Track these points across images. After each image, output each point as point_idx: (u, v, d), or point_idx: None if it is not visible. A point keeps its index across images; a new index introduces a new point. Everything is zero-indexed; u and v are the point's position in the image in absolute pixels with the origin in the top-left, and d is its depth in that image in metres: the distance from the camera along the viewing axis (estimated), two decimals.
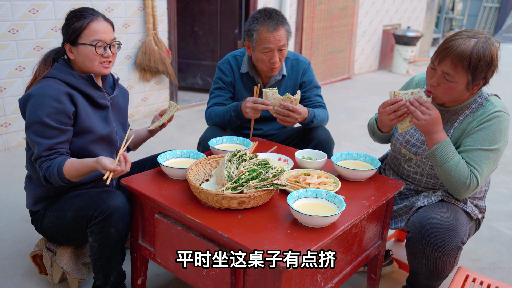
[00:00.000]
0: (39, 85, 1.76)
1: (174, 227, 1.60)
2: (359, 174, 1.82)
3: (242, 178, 1.57)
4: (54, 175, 1.70)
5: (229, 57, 2.49)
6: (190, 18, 5.74)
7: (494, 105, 1.77)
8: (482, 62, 1.65)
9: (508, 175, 3.64)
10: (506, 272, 2.33)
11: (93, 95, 1.85)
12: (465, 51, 1.64)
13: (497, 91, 2.06)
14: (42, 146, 1.70)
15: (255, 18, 2.28)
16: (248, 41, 2.34)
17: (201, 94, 5.81)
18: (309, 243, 1.37)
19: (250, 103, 2.20)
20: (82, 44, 1.79)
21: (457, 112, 1.83)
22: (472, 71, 1.66)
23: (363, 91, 6.48)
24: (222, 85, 2.48)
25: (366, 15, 7.30)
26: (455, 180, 1.73)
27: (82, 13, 1.80)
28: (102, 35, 1.81)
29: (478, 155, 1.73)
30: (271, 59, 2.28)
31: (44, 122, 1.70)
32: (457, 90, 1.72)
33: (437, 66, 1.71)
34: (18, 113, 3.74)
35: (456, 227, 1.67)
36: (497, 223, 2.84)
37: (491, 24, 13.27)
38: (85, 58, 1.81)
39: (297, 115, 2.17)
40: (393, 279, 2.24)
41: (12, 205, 2.83)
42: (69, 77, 1.81)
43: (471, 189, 1.74)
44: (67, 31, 1.80)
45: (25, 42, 3.64)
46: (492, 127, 1.73)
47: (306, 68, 2.50)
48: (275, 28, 2.22)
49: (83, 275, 1.99)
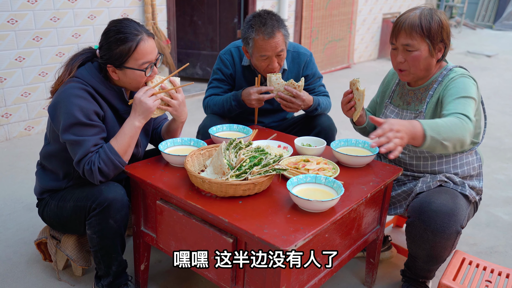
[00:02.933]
0: (67, 86, 1.71)
1: (176, 213, 1.63)
2: (357, 160, 1.85)
3: (244, 165, 1.59)
4: (109, 157, 1.69)
5: (232, 47, 2.44)
6: (189, 8, 5.72)
7: (457, 72, 1.85)
8: (432, 23, 1.78)
9: (506, 162, 3.67)
10: (502, 256, 2.37)
11: (120, 109, 1.84)
12: (414, 19, 1.79)
13: (497, 79, 2.09)
14: (89, 143, 1.68)
15: (250, 26, 2.19)
16: (245, 47, 2.28)
17: (200, 84, 5.81)
18: (308, 228, 1.40)
19: (255, 95, 2.19)
20: (130, 69, 1.74)
21: (427, 88, 1.92)
22: (427, 34, 1.78)
23: (363, 80, 6.44)
24: (222, 77, 2.44)
25: (366, 4, 7.27)
26: (459, 134, 1.60)
27: (126, 34, 1.70)
28: (149, 56, 1.75)
29: (456, 103, 1.70)
30: (270, 65, 2.24)
31: (84, 122, 1.68)
32: (422, 58, 1.82)
33: (396, 43, 1.85)
34: (18, 104, 3.76)
35: (455, 212, 1.70)
36: (495, 208, 2.87)
37: (492, 11, 13.20)
38: (132, 81, 1.77)
39: (300, 102, 2.18)
40: (391, 263, 2.27)
41: (15, 194, 2.86)
42: (100, 85, 1.77)
43: (471, 128, 1.63)
44: (110, 54, 1.72)
45: (24, 33, 3.64)
46: (459, 83, 1.79)
47: (308, 60, 2.45)
48: (271, 36, 2.14)
49: (88, 262, 2.02)
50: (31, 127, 3.91)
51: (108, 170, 1.71)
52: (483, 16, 13.34)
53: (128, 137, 1.75)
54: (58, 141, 1.80)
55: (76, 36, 3.95)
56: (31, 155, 3.46)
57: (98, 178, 1.70)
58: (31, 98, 3.84)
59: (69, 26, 3.89)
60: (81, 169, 1.70)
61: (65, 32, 3.88)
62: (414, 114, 1.93)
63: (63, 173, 1.86)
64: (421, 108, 1.90)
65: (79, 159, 1.69)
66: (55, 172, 1.88)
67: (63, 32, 3.87)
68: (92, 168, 1.68)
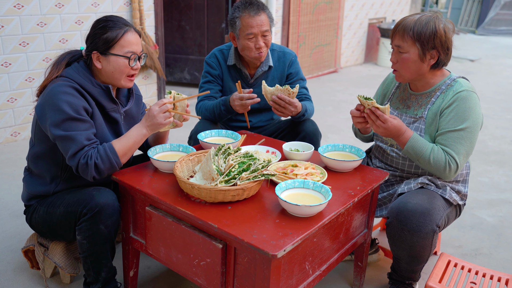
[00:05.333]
0: (54, 84, 1.71)
1: (165, 219, 1.63)
2: (345, 164, 1.88)
3: (233, 171, 1.61)
4: (108, 155, 1.68)
5: (216, 51, 2.53)
6: (177, 13, 5.73)
7: (461, 85, 1.89)
8: (425, 29, 1.81)
9: (489, 164, 3.74)
10: (487, 258, 2.42)
11: (107, 106, 1.85)
12: (410, 22, 1.84)
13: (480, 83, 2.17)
14: (81, 136, 1.67)
15: (236, 7, 2.35)
16: (232, 32, 2.39)
17: (189, 89, 5.81)
18: (297, 232, 1.42)
19: (238, 101, 2.24)
20: (115, 55, 1.77)
21: (429, 94, 1.95)
22: (417, 38, 1.82)
23: (350, 84, 6.55)
24: (211, 78, 2.51)
25: (352, 9, 7.36)
26: (435, 167, 1.84)
27: (115, 23, 1.78)
28: (135, 46, 1.81)
29: (450, 137, 1.84)
30: (256, 44, 2.33)
31: (74, 117, 1.67)
32: (411, 62, 1.86)
33: (392, 43, 1.91)
34: (4, 109, 3.72)
35: (431, 212, 1.75)
36: (479, 211, 2.93)
37: (474, 17, 13.45)
38: (115, 69, 1.79)
39: (293, 108, 2.21)
40: (379, 266, 2.30)
41: (1, 201, 2.83)
42: (87, 82, 1.78)
43: (453, 171, 1.84)
44: (97, 40, 1.77)
45: (10, 38, 3.61)
46: (460, 107, 1.84)
47: (292, 60, 2.55)
48: (257, 13, 2.29)
49: (76, 269, 2.01)
50: (17, 133, 3.87)
51: (104, 167, 1.70)
52: (466, 21, 13.58)
53: (132, 142, 1.76)
54: (44, 141, 1.80)
55: (64, 41, 3.92)
56: (17, 161, 3.42)
57: (93, 173, 1.69)
58: (18, 103, 3.80)
59: (56, 31, 3.86)
60: (75, 163, 1.68)
61: (52, 37, 3.85)
62: (413, 118, 1.97)
63: (51, 176, 1.84)
64: (421, 114, 1.94)
65: (73, 153, 1.67)
66: (42, 176, 1.86)
67: (50, 37, 3.84)
68: (88, 162, 1.67)
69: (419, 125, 1.93)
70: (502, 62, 8.71)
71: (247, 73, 2.50)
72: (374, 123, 1.84)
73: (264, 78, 2.50)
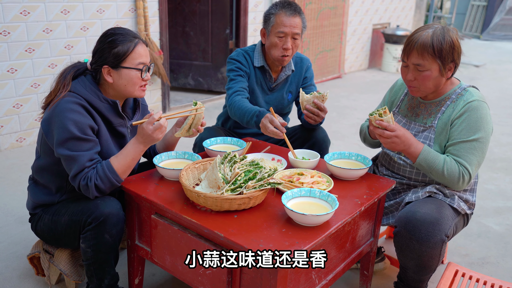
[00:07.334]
0: (62, 100, 1.71)
1: (171, 228, 1.63)
2: (351, 173, 1.87)
3: (239, 179, 1.60)
4: (107, 175, 1.69)
5: (241, 51, 2.49)
6: (181, 19, 5.75)
7: (472, 95, 1.88)
8: (444, 45, 1.80)
9: (495, 172, 3.72)
10: (494, 267, 2.39)
11: (114, 121, 1.85)
12: (426, 40, 1.80)
13: (485, 89, 2.15)
14: (84, 158, 1.68)
15: (275, 5, 2.37)
16: (264, 27, 2.40)
17: (193, 94, 5.82)
18: (303, 242, 1.41)
19: (271, 134, 2.10)
20: (127, 68, 1.77)
21: (439, 103, 1.94)
22: (439, 55, 1.80)
23: (354, 90, 6.54)
24: (242, 73, 2.43)
25: (356, 14, 7.36)
26: (449, 178, 1.83)
27: (124, 36, 1.77)
28: (145, 58, 1.81)
29: (463, 148, 1.83)
30: (284, 45, 2.32)
31: (79, 136, 1.68)
32: (432, 78, 1.84)
33: (407, 61, 1.87)
34: (10, 115, 3.74)
35: (440, 221, 1.73)
36: (486, 219, 2.91)
37: (479, 22, 13.43)
38: (128, 82, 1.79)
39: (324, 114, 2.20)
40: (385, 275, 2.29)
41: (7, 207, 2.83)
42: (94, 98, 1.77)
43: (466, 182, 1.84)
44: (107, 54, 1.76)
45: (16, 44, 3.63)
46: (471, 117, 1.83)
47: (308, 65, 2.59)
48: (292, 14, 2.31)
49: (81, 277, 2.01)
50: (22, 138, 3.88)
51: (105, 187, 1.71)
52: (471, 26, 13.56)
53: (130, 159, 1.75)
54: (49, 154, 1.80)
55: (69, 48, 3.94)
56: (22, 167, 3.43)
57: (94, 194, 1.71)
58: (23, 109, 3.82)
59: (62, 38, 3.88)
60: (76, 184, 1.70)
61: (58, 43, 3.87)
62: (422, 127, 1.95)
63: (56, 187, 1.85)
64: (431, 123, 1.93)
65: (74, 174, 1.69)
66: (47, 186, 1.87)
67: (56, 44, 3.86)
68: (88, 184, 1.68)
69: (429, 134, 1.92)
70: (507, 68, 8.68)
71: (272, 76, 2.49)
72: (382, 136, 1.81)
73: (284, 82, 2.51)
